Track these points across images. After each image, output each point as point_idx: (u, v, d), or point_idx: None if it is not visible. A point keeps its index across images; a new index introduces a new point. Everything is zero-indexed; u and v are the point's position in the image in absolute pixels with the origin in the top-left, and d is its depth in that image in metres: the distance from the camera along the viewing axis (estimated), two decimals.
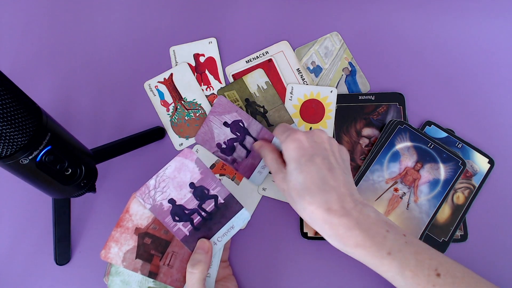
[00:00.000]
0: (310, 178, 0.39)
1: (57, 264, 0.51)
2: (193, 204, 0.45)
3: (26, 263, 0.51)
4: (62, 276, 0.51)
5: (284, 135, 0.43)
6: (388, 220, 0.40)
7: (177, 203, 0.44)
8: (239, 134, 0.52)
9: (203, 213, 0.45)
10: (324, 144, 0.42)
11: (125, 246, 0.43)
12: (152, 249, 0.44)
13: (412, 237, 0.39)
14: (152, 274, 0.43)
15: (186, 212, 0.44)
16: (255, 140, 0.52)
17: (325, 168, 0.40)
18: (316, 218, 0.39)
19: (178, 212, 0.44)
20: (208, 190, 0.45)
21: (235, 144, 0.52)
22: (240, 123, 0.52)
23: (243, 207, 0.45)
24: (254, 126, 0.52)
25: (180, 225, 0.44)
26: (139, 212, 0.44)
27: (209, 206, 0.45)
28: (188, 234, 0.44)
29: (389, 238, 0.38)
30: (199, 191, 0.45)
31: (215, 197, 0.45)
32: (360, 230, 0.38)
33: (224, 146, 0.52)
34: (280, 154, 0.45)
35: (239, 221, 0.45)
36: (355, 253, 0.38)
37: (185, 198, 0.45)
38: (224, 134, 0.52)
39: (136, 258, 0.43)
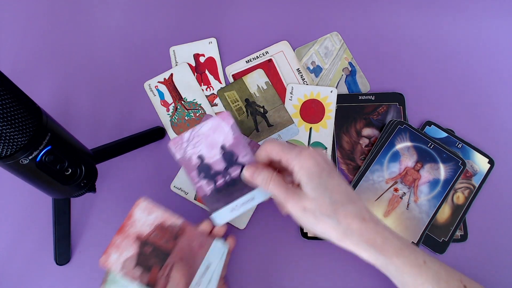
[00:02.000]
0: (338, 192, 0.38)
1: (57, 264, 0.51)
2: (220, 166, 0.45)
3: (26, 263, 0.51)
4: (62, 276, 0.51)
5: (293, 153, 0.39)
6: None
7: (205, 161, 0.45)
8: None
9: (227, 178, 0.45)
10: (331, 163, 0.41)
11: (125, 253, 0.43)
12: (152, 258, 0.43)
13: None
14: (150, 285, 0.43)
15: (212, 172, 0.45)
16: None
17: (344, 182, 0.39)
18: (352, 231, 0.37)
19: (205, 169, 0.44)
20: (238, 157, 0.45)
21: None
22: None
23: None
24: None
25: (203, 182, 0.44)
26: (142, 219, 0.44)
27: (235, 172, 0.45)
28: (208, 194, 0.44)
29: (416, 248, 0.38)
30: (228, 155, 0.45)
31: (242, 165, 0.45)
32: (396, 238, 0.37)
33: None
34: (281, 175, 0.42)
35: (261, 194, 0.44)
36: (396, 262, 0.37)
37: (214, 158, 0.45)
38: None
39: (135, 266, 0.43)
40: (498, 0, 0.58)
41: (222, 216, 0.44)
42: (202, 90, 0.56)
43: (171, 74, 0.56)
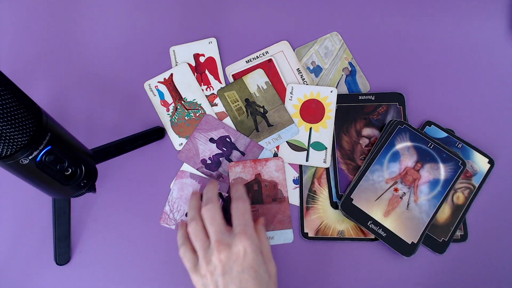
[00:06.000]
0: None
1: (57, 264, 0.51)
2: None
3: (26, 263, 0.51)
4: (62, 276, 0.51)
5: None
6: None
7: None
8: (225, 149, 0.53)
9: None
10: None
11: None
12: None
13: None
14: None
15: None
16: (243, 154, 0.53)
17: None
18: None
19: None
20: None
21: (221, 159, 0.53)
22: (227, 139, 0.53)
23: None
24: (242, 140, 0.53)
25: None
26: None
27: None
28: None
29: None
30: None
31: (219, 194, 0.51)
32: None
33: (209, 161, 0.53)
34: None
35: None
36: None
37: None
38: (210, 150, 0.53)
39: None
40: (498, 1, 0.58)
41: None
42: (202, 90, 0.56)
43: (171, 74, 0.56)
